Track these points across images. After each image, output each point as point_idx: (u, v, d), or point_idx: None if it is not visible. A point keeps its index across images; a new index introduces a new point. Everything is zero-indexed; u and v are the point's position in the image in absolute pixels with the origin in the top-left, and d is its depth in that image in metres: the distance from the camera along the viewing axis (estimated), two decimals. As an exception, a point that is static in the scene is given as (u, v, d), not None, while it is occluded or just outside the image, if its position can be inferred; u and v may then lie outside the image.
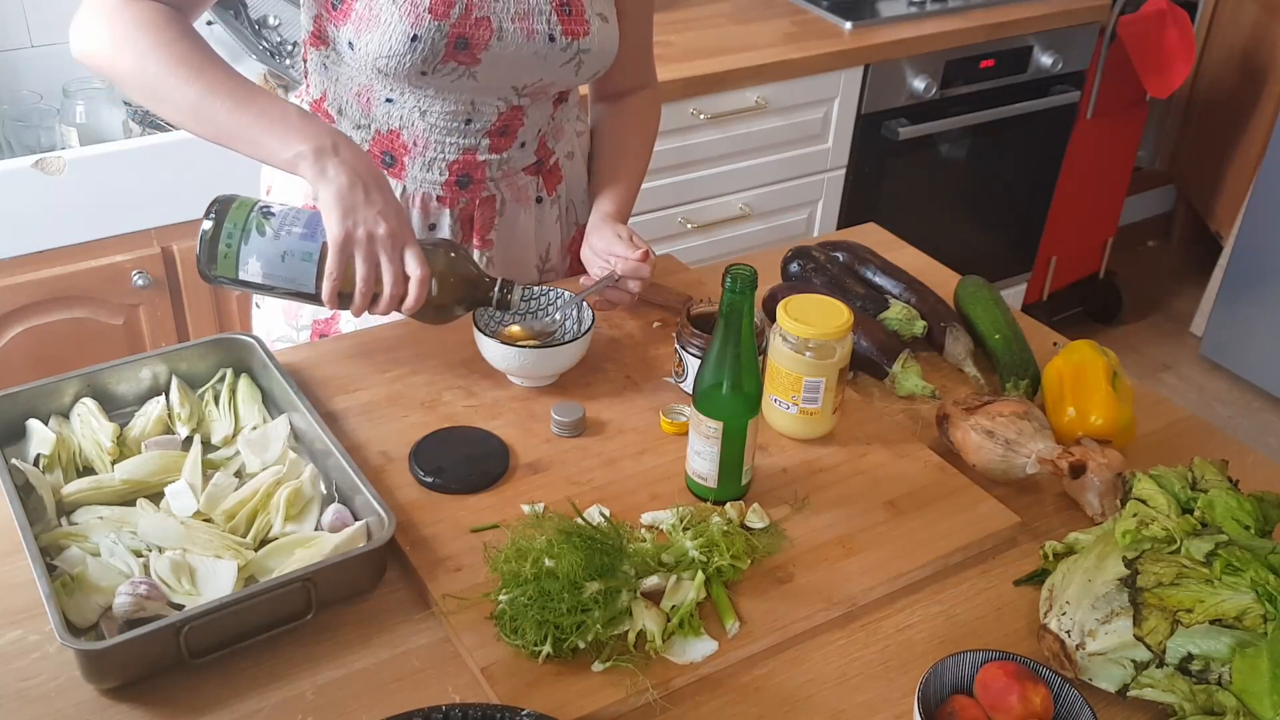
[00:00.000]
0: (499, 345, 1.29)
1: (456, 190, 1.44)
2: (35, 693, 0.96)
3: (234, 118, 1.21)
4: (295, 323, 1.51)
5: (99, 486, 1.14)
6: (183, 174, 1.99)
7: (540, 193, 1.51)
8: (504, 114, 1.40)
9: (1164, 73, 3.08)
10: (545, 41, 1.35)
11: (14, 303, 1.95)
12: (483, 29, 1.31)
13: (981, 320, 1.45)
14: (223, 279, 1.22)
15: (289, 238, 1.20)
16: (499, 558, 1.04)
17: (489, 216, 1.46)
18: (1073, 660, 0.99)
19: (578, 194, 1.57)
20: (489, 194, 1.46)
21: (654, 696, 0.98)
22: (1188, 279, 3.84)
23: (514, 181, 1.47)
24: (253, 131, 1.21)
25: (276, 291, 1.23)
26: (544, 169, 1.50)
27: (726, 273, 1.08)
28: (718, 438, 1.13)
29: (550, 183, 1.52)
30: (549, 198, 1.52)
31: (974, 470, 1.24)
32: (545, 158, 1.50)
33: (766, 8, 2.72)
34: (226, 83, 1.23)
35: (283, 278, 1.21)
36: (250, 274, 1.21)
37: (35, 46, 2.28)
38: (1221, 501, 1.02)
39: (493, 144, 1.42)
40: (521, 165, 1.47)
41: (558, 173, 1.53)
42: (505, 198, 1.47)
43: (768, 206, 2.65)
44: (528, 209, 1.50)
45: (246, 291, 1.26)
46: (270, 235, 1.21)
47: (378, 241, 1.19)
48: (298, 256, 1.20)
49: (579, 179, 1.57)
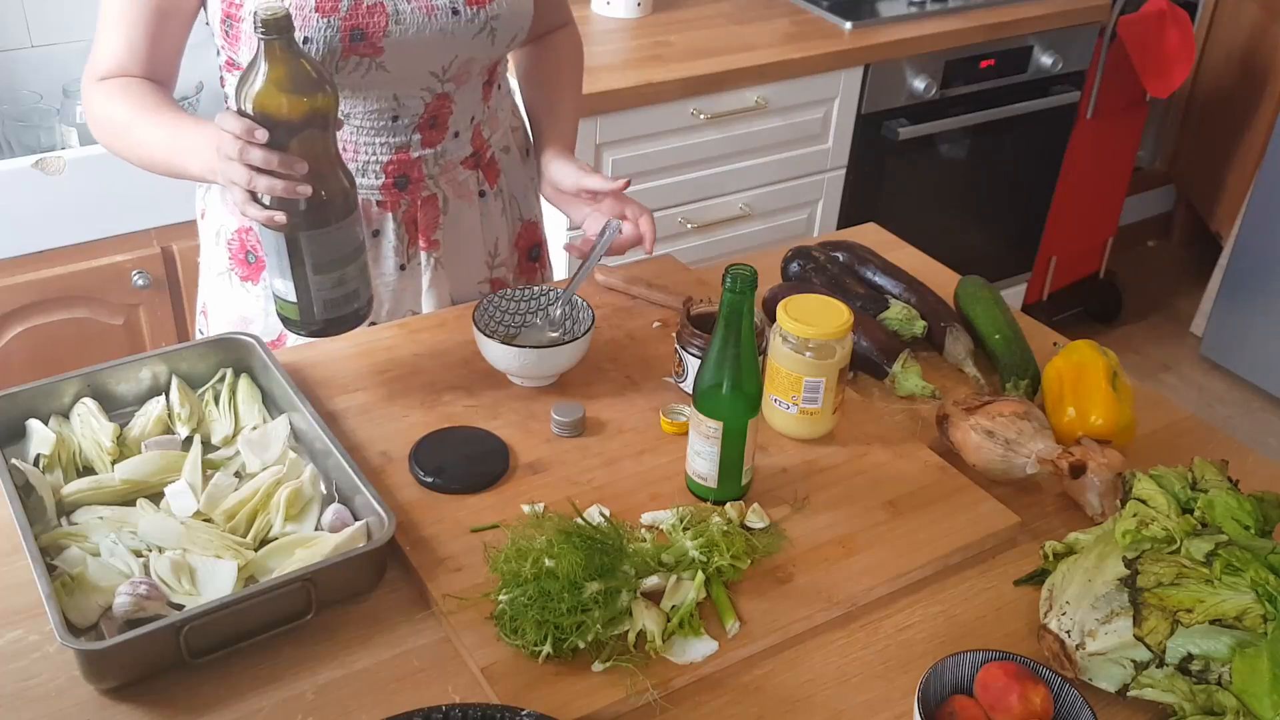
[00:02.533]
0: (499, 345, 1.29)
1: (396, 193, 1.41)
2: (35, 693, 0.96)
3: (164, 155, 1.30)
4: None
5: (99, 486, 1.14)
6: (183, 174, 1.99)
7: (482, 186, 1.49)
8: (430, 104, 1.37)
9: (1164, 73, 3.08)
10: (448, 16, 1.31)
11: (14, 303, 1.95)
12: (377, 16, 1.28)
13: (981, 320, 1.45)
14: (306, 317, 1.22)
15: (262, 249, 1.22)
16: (499, 558, 1.04)
17: (433, 217, 1.44)
18: (1073, 660, 0.99)
19: (518, 188, 1.55)
20: (430, 193, 1.43)
21: (654, 696, 0.98)
22: (1188, 279, 3.84)
23: (453, 177, 1.45)
24: (175, 170, 1.30)
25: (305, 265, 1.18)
26: (482, 161, 1.48)
27: (726, 273, 1.08)
28: (718, 438, 1.13)
29: (490, 176, 1.50)
30: (491, 191, 1.50)
31: (974, 470, 1.24)
32: (481, 149, 1.47)
33: (766, 8, 2.72)
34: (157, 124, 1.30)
35: (278, 258, 1.18)
36: (285, 290, 1.20)
37: (35, 46, 2.28)
38: (1221, 501, 1.02)
39: (424, 138, 1.39)
40: (459, 158, 1.45)
41: (495, 166, 1.50)
42: (447, 195, 1.45)
43: (768, 206, 2.65)
44: (471, 205, 1.48)
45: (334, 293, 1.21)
46: (266, 265, 1.22)
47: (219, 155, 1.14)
48: (262, 242, 1.20)
49: (517, 173, 1.55)
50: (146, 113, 1.31)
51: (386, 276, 1.45)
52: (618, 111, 2.27)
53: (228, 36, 1.32)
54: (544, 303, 1.39)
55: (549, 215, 1.68)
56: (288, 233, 1.15)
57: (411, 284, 1.47)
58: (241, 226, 1.44)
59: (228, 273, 1.47)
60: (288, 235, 1.16)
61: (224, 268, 1.48)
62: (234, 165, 1.12)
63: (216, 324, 1.51)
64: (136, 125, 1.31)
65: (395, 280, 1.46)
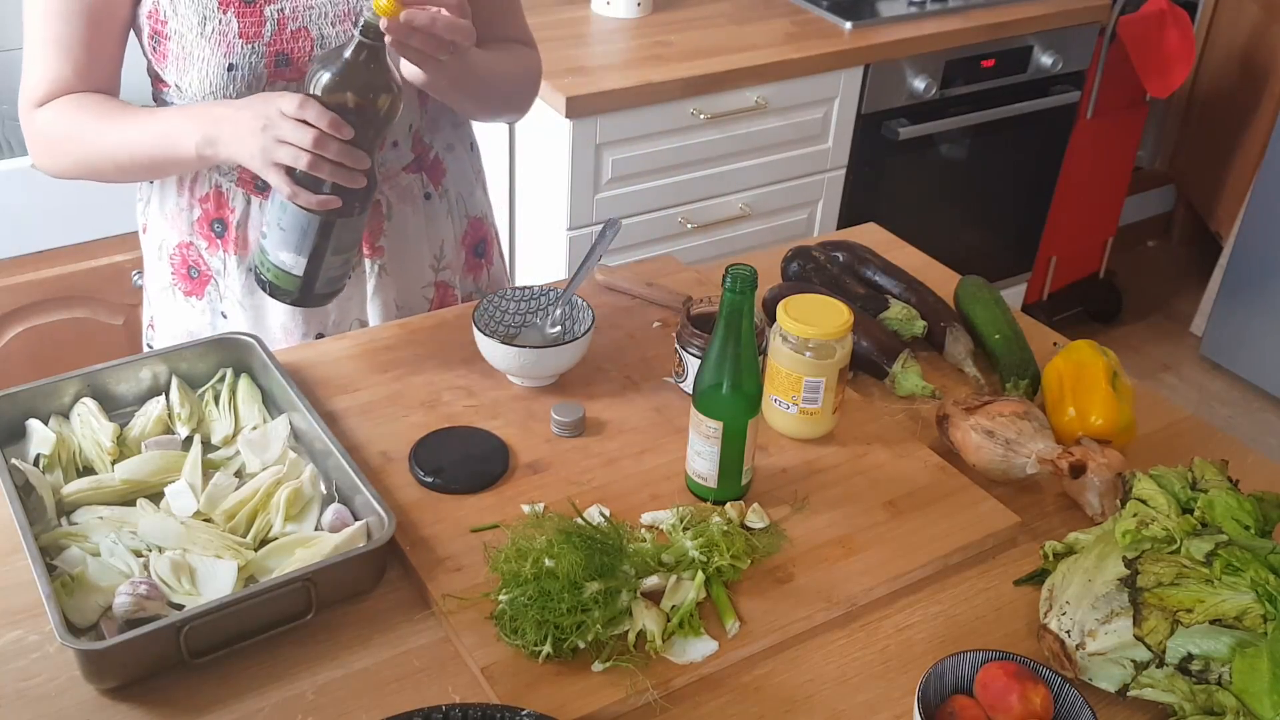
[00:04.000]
0: (499, 345, 1.29)
1: None
2: (35, 693, 0.96)
3: (148, 149, 1.27)
4: None
5: (99, 486, 1.14)
6: (183, 174, 1.99)
7: (427, 189, 1.47)
8: None
9: (1164, 73, 3.08)
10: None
11: (14, 303, 1.95)
12: (302, 41, 1.28)
13: (981, 320, 1.45)
14: (305, 291, 1.24)
15: (270, 216, 1.22)
16: (499, 558, 1.04)
17: (376, 224, 1.42)
18: (1073, 660, 0.99)
19: (464, 185, 1.54)
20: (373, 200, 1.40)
21: (654, 696, 0.98)
22: (1188, 279, 3.84)
23: (397, 183, 1.43)
24: (159, 161, 1.28)
25: (328, 246, 1.21)
26: (425, 164, 1.46)
27: (726, 273, 1.08)
28: (718, 438, 1.13)
29: (434, 177, 1.48)
30: (436, 192, 1.48)
31: (974, 470, 1.24)
32: (423, 154, 1.45)
33: (766, 8, 2.72)
34: (133, 122, 1.27)
35: (301, 236, 1.20)
36: (293, 265, 1.22)
37: (35, 46, 2.28)
38: (1221, 501, 1.02)
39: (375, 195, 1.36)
40: (400, 165, 1.43)
41: (440, 166, 1.48)
42: (391, 201, 1.43)
43: (768, 206, 2.65)
44: (415, 207, 1.46)
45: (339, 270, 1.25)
46: (266, 235, 1.23)
47: (270, 134, 1.15)
48: (282, 214, 1.20)
49: (463, 171, 1.53)
50: (114, 114, 1.29)
51: None
52: (618, 111, 2.27)
53: (155, 53, 1.31)
54: (544, 303, 1.39)
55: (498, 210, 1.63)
56: (327, 216, 1.18)
57: (356, 292, 1.45)
58: (182, 241, 1.43)
59: (170, 288, 1.46)
60: (324, 219, 1.19)
61: (167, 282, 1.46)
62: (285, 149, 1.14)
63: (163, 338, 1.50)
64: (107, 129, 1.28)
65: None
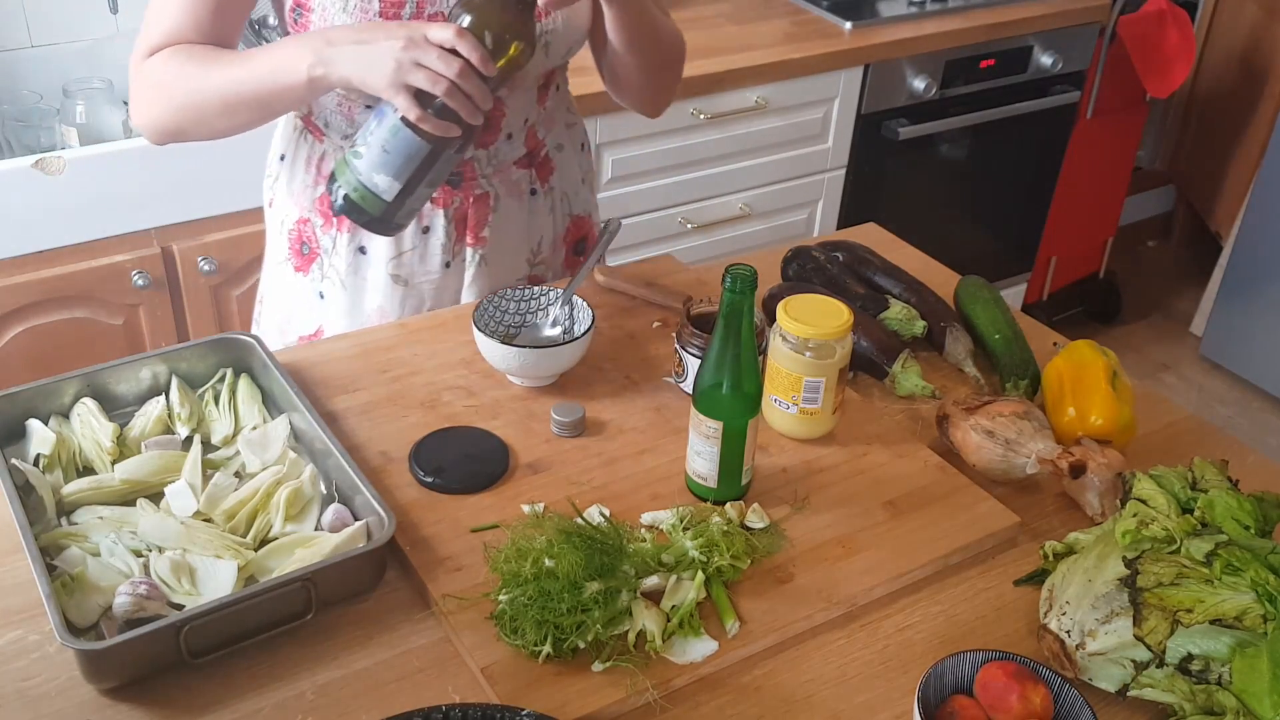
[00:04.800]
0: (499, 345, 1.29)
1: (449, 190, 1.43)
2: (35, 693, 0.96)
3: (255, 81, 1.26)
4: (285, 338, 1.53)
5: (99, 486, 1.14)
6: (183, 174, 1.99)
7: (534, 184, 1.50)
8: None
9: (1164, 73, 3.08)
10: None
11: (14, 303, 1.95)
12: None
13: (981, 320, 1.45)
14: (386, 216, 1.25)
15: (373, 137, 1.22)
16: (499, 558, 1.04)
17: (483, 214, 1.46)
18: (1073, 660, 0.99)
19: (570, 185, 1.56)
20: (482, 191, 1.45)
21: (654, 696, 0.98)
22: (1188, 279, 3.84)
23: (506, 176, 1.46)
24: (267, 94, 1.26)
25: (426, 176, 1.23)
26: (535, 160, 1.49)
27: (726, 273, 1.08)
28: (718, 438, 1.13)
29: (543, 175, 1.51)
30: (542, 189, 1.51)
31: (974, 470, 1.24)
32: (536, 149, 1.49)
33: (766, 8, 2.72)
34: (240, 60, 1.27)
35: (405, 161, 1.21)
36: (386, 188, 1.22)
37: (35, 46, 2.28)
38: (1221, 501, 1.02)
39: (478, 139, 1.39)
40: (511, 158, 1.46)
41: (549, 164, 1.52)
42: (499, 193, 1.46)
43: (768, 206, 2.65)
44: (521, 202, 1.49)
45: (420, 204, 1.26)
46: (362, 154, 1.23)
47: (409, 56, 1.16)
48: (390, 137, 1.21)
49: (571, 171, 1.56)
50: (223, 55, 1.29)
51: (431, 274, 1.47)
52: (618, 111, 2.27)
53: (295, 25, 1.33)
54: (544, 303, 1.39)
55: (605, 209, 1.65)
56: (438, 146, 1.20)
57: (454, 281, 1.48)
58: (301, 218, 1.47)
59: (284, 262, 1.51)
60: (434, 148, 1.20)
61: (282, 257, 1.51)
62: (423, 73, 1.15)
63: (270, 314, 1.55)
64: (214, 69, 1.28)
65: (440, 277, 1.47)
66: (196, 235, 2.05)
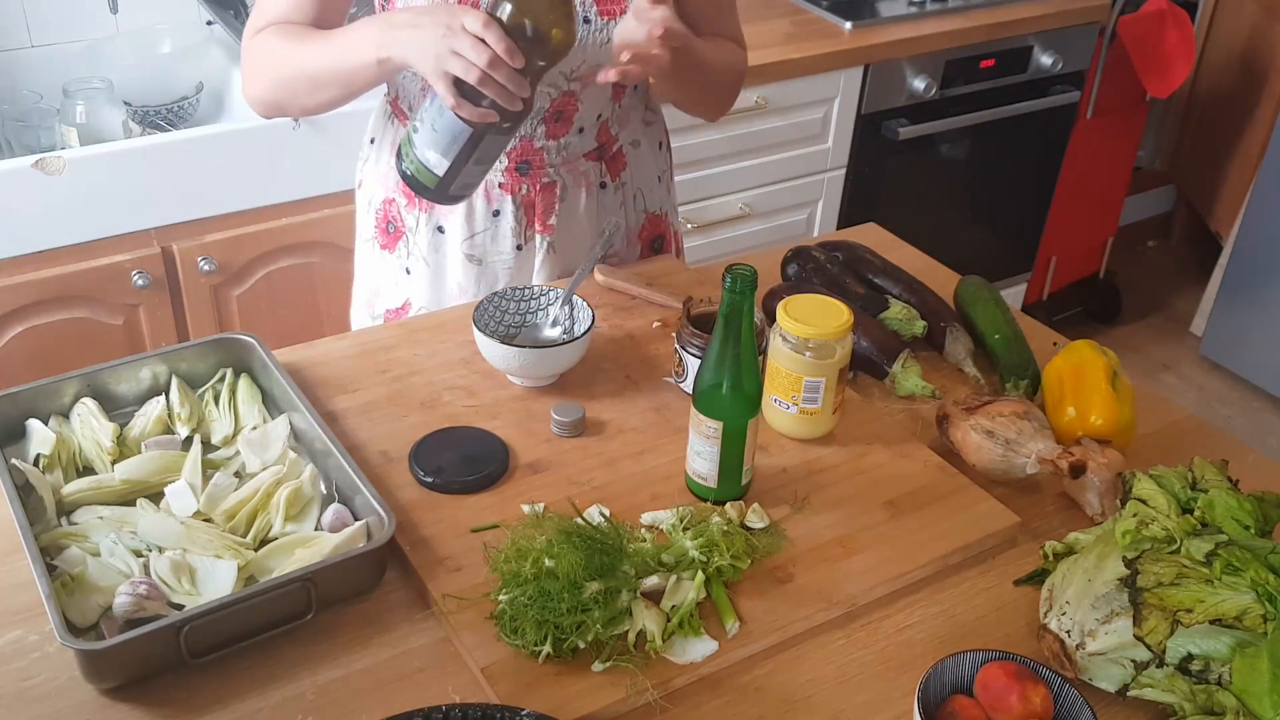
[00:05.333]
0: (499, 345, 1.29)
1: (517, 177, 1.45)
2: (35, 693, 0.96)
3: (333, 58, 1.31)
4: (371, 311, 1.59)
5: (99, 486, 1.14)
6: (183, 174, 1.99)
7: (604, 178, 1.52)
8: (556, 100, 1.41)
9: (1164, 73, 3.08)
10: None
11: (14, 303, 1.95)
12: None
13: (981, 320, 1.45)
14: (441, 189, 1.29)
15: (425, 116, 1.26)
16: (499, 558, 1.04)
17: (550, 203, 1.48)
18: (1073, 660, 0.99)
19: (645, 181, 1.58)
20: (550, 180, 1.47)
21: (654, 696, 0.98)
22: (1188, 279, 3.84)
23: (575, 167, 1.49)
24: (344, 73, 1.31)
25: (471, 155, 1.25)
26: (606, 155, 1.51)
27: (726, 273, 1.08)
28: (718, 438, 1.13)
29: (614, 169, 1.53)
30: (613, 183, 1.53)
31: (974, 470, 1.24)
32: (608, 143, 1.51)
33: (766, 8, 2.72)
34: (324, 37, 1.33)
35: (450, 140, 1.24)
36: (436, 164, 1.26)
37: (35, 46, 2.28)
38: (1221, 501, 1.02)
39: (549, 130, 1.43)
40: (582, 151, 1.48)
41: (621, 159, 1.53)
42: (567, 184, 1.49)
43: (768, 206, 2.65)
44: (590, 194, 1.51)
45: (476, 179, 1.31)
46: (418, 129, 1.27)
47: (446, 44, 1.18)
48: (438, 117, 1.24)
49: (646, 167, 1.58)
50: (313, 33, 1.35)
51: (504, 255, 1.50)
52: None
53: (387, 4, 1.36)
54: (544, 303, 1.39)
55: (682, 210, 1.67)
56: (480, 128, 1.22)
57: (526, 263, 1.52)
58: (387, 198, 1.51)
59: (371, 240, 1.57)
60: (475, 131, 1.23)
61: (369, 235, 1.57)
62: (458, 61, 1.16)
63: (360, 290, 1.62)
64: (303, 46, 1.34)
65: (513, 259, 1.51)
66: (196, 235, 2.05)
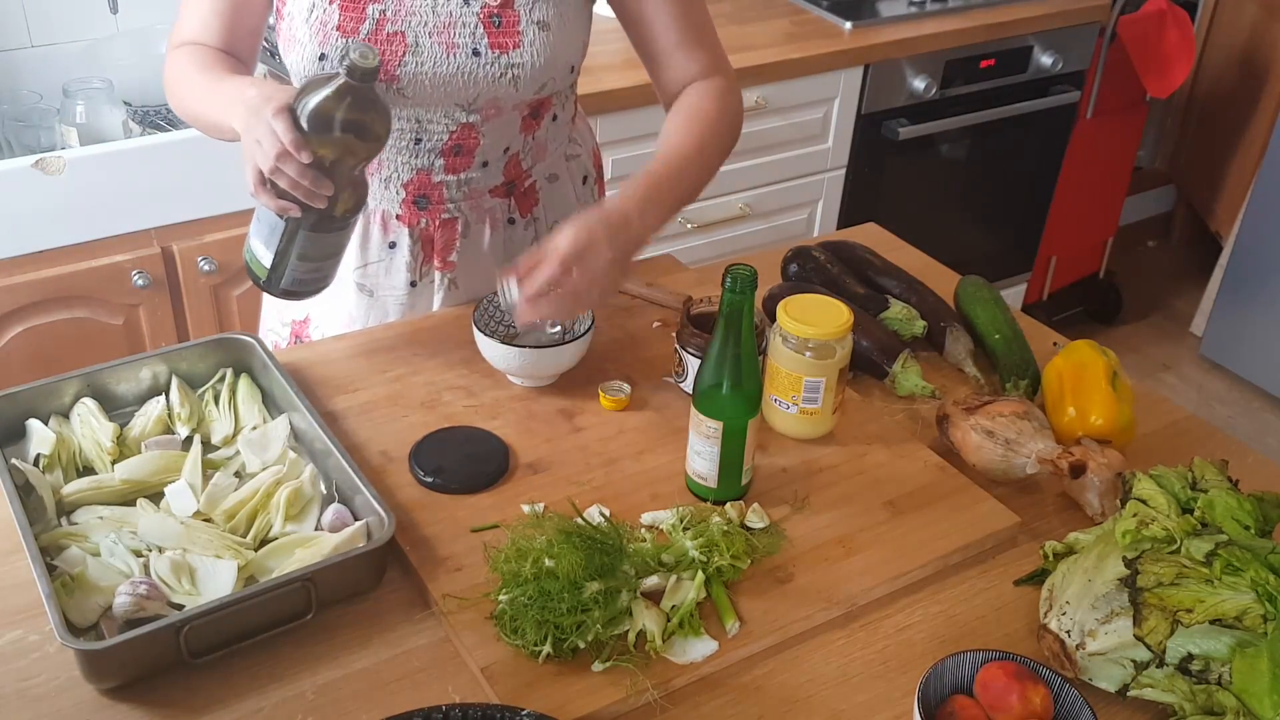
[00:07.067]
0: (499, 345, 1.29)
1: (414, 210, 1.40)
2: (35, 693, 0.96)
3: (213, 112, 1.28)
4: (281, 318, 1.53)
5: (99, 486, 1.14)
6: (183, 174, 1.99)
7: (513, 214, 1.45)
8: (454, 132, 1.34)
9: (1164, 73, 3.08)
10: (469, 56, 1.28)
11: (14, 303, 1.95)
12: (396, 44, 1.27)
13: (981, 320, 1.45)
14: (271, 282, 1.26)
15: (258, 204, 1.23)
16: (499, 558, 1.04)
17: (449, 239, 1.42)
18: (1073, 660, 0.99)
19: (564, 215, 1.45)
20: (450, 216, 1.41)
21: (654, 696, 0.98)
22: (1188, 279, 3.84)
23: (479, 203, 1.42)
24: (220, 127, 1.27)
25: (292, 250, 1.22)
26: (516, 190, 1.44)
27: (726, 273, 1.08)
28: (718, 438, 1.13)
29: (525, 205, 1.45)
30: (522, 220, 1.46)
31: (974, 470, 1.24)
32: (518, 179, 1.43)
33: (766, 8, 2.72)
34: (213, 83, 1.29)
35: (270, 232, 1.22)
36: (263, 255, 1.24)
37: (35, 46, 2.28)
38: (1221, 501, 1.02)
39: (447, 164, 1.37)
40: (486, 187, 1.41)
41: (534, 195, 1.46)
42: (470, 220, 1.42)
43: (768, 206, 2.65)
44: (496, 231, 1.44)
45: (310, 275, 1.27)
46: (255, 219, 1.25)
47: (249, 130, 1.15)
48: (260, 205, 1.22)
49: (563, 201, 1.49)
50: (206, 72, 1.32)
51: (397, 290, 1.45)
52: (618, 111, 2.27)
53: (275, 30, 1.34)
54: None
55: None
56: (290, 224, 1.19)
57: (422, 301, 1.46)
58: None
59: None
60: (289, 225, 1.20)
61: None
62: (256, 148, 1.14)
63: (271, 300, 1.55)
64: (196, 83, 1.32)
65: (406, 295, 1.45)
66: (196, 235, 2.05)
